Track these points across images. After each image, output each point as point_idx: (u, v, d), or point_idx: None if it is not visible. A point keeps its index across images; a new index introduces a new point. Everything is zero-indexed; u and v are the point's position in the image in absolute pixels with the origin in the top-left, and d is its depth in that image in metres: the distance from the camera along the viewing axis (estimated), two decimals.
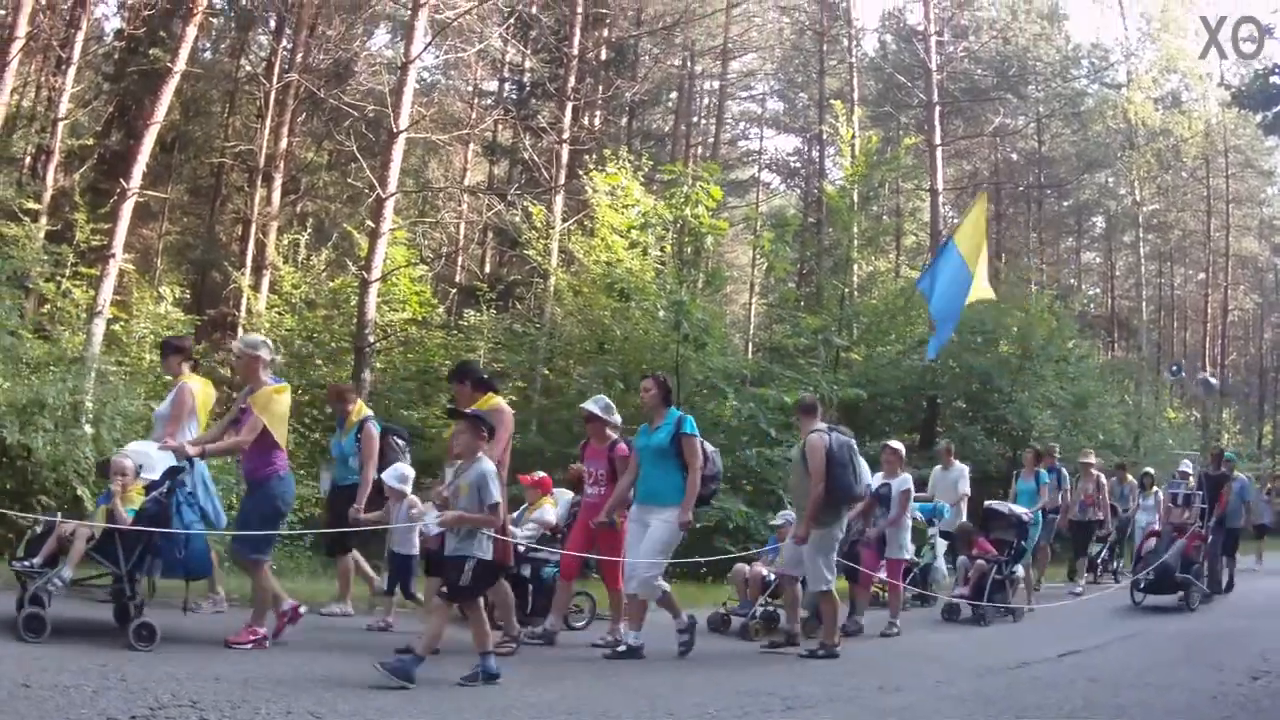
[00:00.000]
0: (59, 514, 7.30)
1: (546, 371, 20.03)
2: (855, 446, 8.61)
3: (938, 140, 26.81)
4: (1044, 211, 38.38)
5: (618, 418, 8.73)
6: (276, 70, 22.23)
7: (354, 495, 8.58)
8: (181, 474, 6.74)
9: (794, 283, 27.07)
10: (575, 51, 22.62)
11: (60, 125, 19.09)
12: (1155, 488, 15.58)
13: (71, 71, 19.10)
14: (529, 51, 24.57)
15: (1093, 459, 15.30)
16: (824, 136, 30.77)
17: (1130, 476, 16.58)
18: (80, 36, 19.27)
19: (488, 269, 27.32)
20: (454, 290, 24.90)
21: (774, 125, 39.67)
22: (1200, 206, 38.33)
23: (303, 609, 7.30)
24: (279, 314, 19.91)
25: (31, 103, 22.47)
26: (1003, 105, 33.30)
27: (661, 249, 19.32)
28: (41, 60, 21.63)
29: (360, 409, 9.09)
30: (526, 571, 8.78)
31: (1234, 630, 10.71)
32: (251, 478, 7.16)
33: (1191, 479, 13.96)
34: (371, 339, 17.58)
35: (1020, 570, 11.81)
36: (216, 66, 25.99)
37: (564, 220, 21.23)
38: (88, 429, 11.89)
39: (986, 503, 12.42)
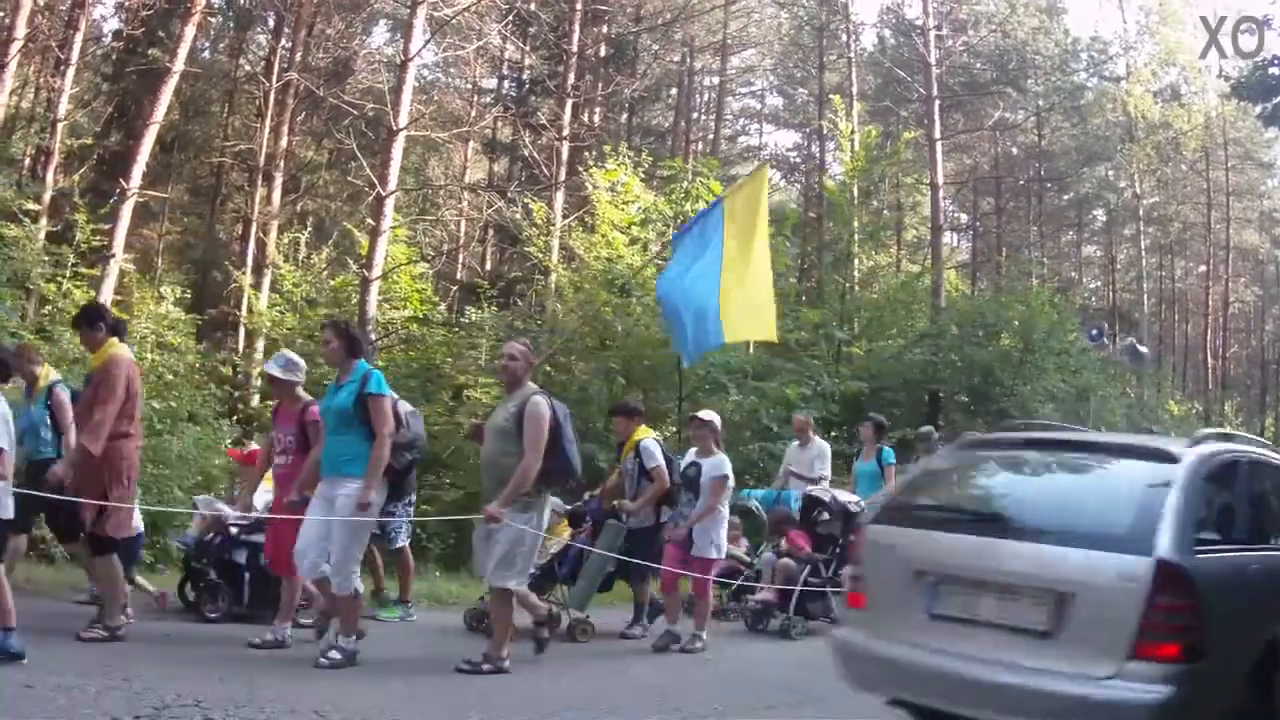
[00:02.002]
0: None
1: (548, 368, 19.99)
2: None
3: (937, 134, 26.74)
4: (1044, 205, 38.35)
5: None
6: (275, 69, 22.17)
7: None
8: None
9: (795, 277, 27.04)
10: (574, 48, 22.59)
11: (59, 126, 19.04)
12: None
13: (70, 72, 19.05)
14: (528, 48, 24.55)
15: None
16: (824, 131, 30.71)
17: None
18: (79, 37, 19.22)
19: (488, 266, 27.29)
20: (455, 287, 24.89)
21: (774, 121, 39.77)
22: (1200, 199, 38.28)
23: None
24: (280, 313, 19.88)
25: (30, 104, 22.47)
26: (1002, 99, 33.20)
27: (662, 245, 19.28)
28: (40, 61, 21.61)
29: (47, 373, 7.75)
30: (241, 558, 7.96)
31: None
32: None
33: None
34: (373, 337, 17.57)
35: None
36: (215, 66, 25.97)
37: (564, 217, 21.20)
38: None
39: (806, 489, 10.43)
